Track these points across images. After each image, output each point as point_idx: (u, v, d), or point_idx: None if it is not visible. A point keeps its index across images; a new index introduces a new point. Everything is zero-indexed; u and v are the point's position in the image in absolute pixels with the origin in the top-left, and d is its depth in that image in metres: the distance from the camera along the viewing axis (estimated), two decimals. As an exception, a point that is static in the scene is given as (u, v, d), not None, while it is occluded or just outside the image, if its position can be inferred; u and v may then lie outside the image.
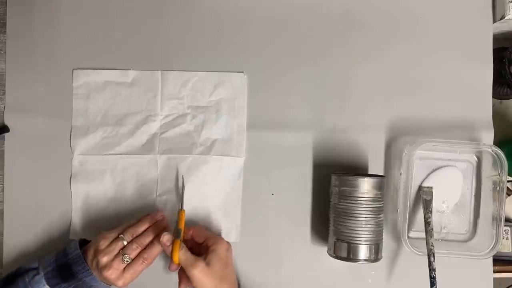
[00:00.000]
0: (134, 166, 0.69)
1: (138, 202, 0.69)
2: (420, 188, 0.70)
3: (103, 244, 0.61)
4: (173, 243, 0.61)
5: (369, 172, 0.70)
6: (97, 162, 0.69)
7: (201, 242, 0.64)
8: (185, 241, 0.63)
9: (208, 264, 0.60)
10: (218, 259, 0.61)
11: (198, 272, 0.58)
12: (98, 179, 0.69)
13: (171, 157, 0.69)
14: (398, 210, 0.69)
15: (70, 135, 0.69)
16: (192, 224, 0.68)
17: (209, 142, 0.70)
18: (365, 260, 0.62)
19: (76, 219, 0.69)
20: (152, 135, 0.70)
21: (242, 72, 0.70)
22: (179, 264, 0.60)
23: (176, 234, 0.62)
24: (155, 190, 0.69)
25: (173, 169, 0.69)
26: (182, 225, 0.64)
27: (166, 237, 0.61)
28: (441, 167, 0.70)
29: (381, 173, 0.70)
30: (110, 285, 0.62)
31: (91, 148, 0.69)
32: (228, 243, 0.64)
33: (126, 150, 0.69)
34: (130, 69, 0.70)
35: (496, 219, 0.66)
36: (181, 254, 0.60)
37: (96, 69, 0.70)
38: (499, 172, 0.66)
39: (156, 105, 0.70)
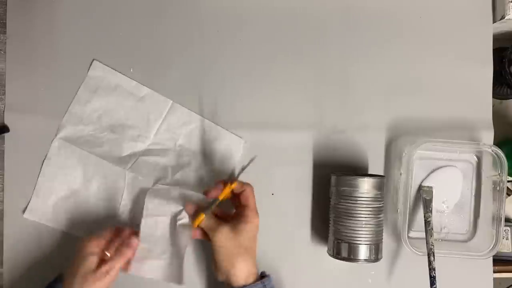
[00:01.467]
0: (104, 170, 0.69)
1: (101, 201, 0.68)
2: (420, 187, 0.70)
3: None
4: (196, 213, 0.61)
5: (369, 172, 0.70)
6: (73, 153, 0.69)
7: (237, 205, 0.63)
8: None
9: (235, 230, 0.59)
10: (246, 231, 0.60)
11: (223, 237, 0.58)
12: (70, 168, 0.69)
13: (138, 178, 0.68)
14: (398, 210, 0.69)
15: (63, 118, 0.69)
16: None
17: (179, 182, 0.69)
18: (365, 260, 0.62)
19: (36, 198, 0.68)
20: (134, 154, 0.69)
21: (244, 140, 0.70)
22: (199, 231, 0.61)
23: (207, 205, 0.61)
24: (120, 198, 0.68)
25: (136, 188, 0.68)
26: (221, 196, 0.61)
27: (189, 206, 0.62)
28: (441, 167, 0.70)
29: (381, 173, 0.70)
30: None
31: (75, 138, 0.69)
32: (257, 218, 0.62)
33: (103, 154, 0.69)
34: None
35: (496, 219, 0.66)
36: (205, 219, 0.60)
37: (117, 70, 0.70)
38: (499, 172, 0.66)
39: (152, 129, 0.70)
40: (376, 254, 0.63)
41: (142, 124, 0.70)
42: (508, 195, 0.76)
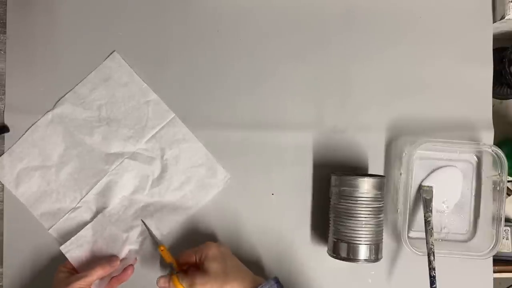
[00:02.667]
0: (84, 162, 0.69)
1: (65, 188, 0.69)
2: (420, 187, 0.70)
3: None
4: (171, 279, 0.61)
5: (369, 172, 0.70)
6: (62, 132, 0.69)
7: (195, 261, 0.63)
8: (182, 268, 0.65)
9: (205, 271, 0.60)
10: (211, 260, 0.61)
11: (201, 286, 0.59)
12: (52, 144, 0.69)
13: (116, 184, 0.69)
14: (398, 210, 0.69)
15: (65, 95, 0.69)
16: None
17: (150, 199, 0.69)
18: (365, 260, 0.62)
19: (8, 156, 0.69)
20: (121, 153, 0.69)
21: (229, 176, 0.69)
22: None
23: (170, 269, 0.64)
24: (85, 193, 0.69)
25: (108, 192, 0.69)
26: (169, 259, 0.65)
27: (161, 281, 0.62)
28: (441, 167, 0.70)
29: (381, 173, 0.70)
30: None
31: (70, 119, 0.69)
32: (215, 243, 0.64)
33: (92, 145, 0.69)
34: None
35: (496, 219, 0.66)
36: (183, 284, 0.60)
37: (133, 69, 0.70)
38: (499, 172, 0.66)
39: (146, 135, 0.70)
40: (376, 254, 0.63)
41: (138, 127, 0.70)
42: (508, 195, 0.76)
